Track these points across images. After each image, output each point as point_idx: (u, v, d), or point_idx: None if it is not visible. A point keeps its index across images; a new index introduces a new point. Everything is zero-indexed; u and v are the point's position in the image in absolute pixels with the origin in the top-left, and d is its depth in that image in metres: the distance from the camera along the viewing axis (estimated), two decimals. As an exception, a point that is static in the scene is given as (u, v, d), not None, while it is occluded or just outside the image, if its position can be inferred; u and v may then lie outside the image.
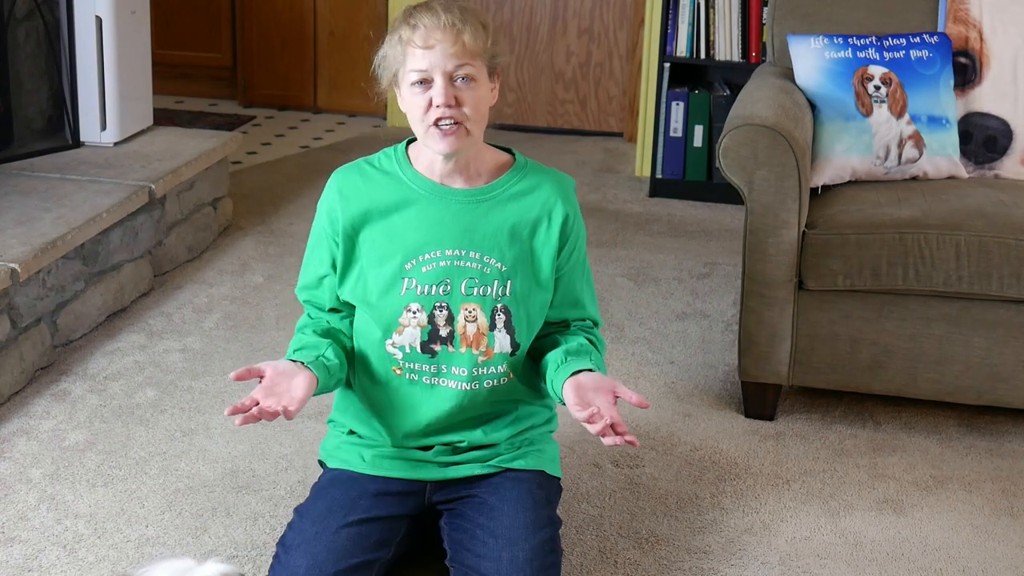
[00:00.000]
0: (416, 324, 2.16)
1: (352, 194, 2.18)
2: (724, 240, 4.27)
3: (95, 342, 3.30)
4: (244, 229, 4.22)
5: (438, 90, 2.05)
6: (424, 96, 2.07)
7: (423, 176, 2.18)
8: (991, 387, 2.89)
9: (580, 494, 2.63)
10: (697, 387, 3.16)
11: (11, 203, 3.35)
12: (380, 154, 2.24)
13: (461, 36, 2.05)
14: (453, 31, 2.05)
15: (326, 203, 2.21)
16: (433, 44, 2.05)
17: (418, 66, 2.06)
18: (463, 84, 2.07)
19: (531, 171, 2.22)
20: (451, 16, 2.05)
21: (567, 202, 2.21)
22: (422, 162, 2.19)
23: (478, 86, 2.08)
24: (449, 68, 2.06)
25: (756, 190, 2.85)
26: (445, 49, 2.05)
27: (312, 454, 2.73)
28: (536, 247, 2.19)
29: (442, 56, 2.05)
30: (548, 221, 2.19)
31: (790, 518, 2.58)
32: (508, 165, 2.22)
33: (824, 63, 3.19)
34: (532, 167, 2.23)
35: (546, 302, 2.23)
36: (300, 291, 2.29)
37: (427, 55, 2.05)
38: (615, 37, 5.53)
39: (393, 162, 2.21)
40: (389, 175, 2.19)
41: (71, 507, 2.52)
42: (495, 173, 2.20)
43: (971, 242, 2.80)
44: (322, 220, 2.22)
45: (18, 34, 3.77)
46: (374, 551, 2.10)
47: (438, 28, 2.05)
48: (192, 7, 5.96)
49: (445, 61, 2.05)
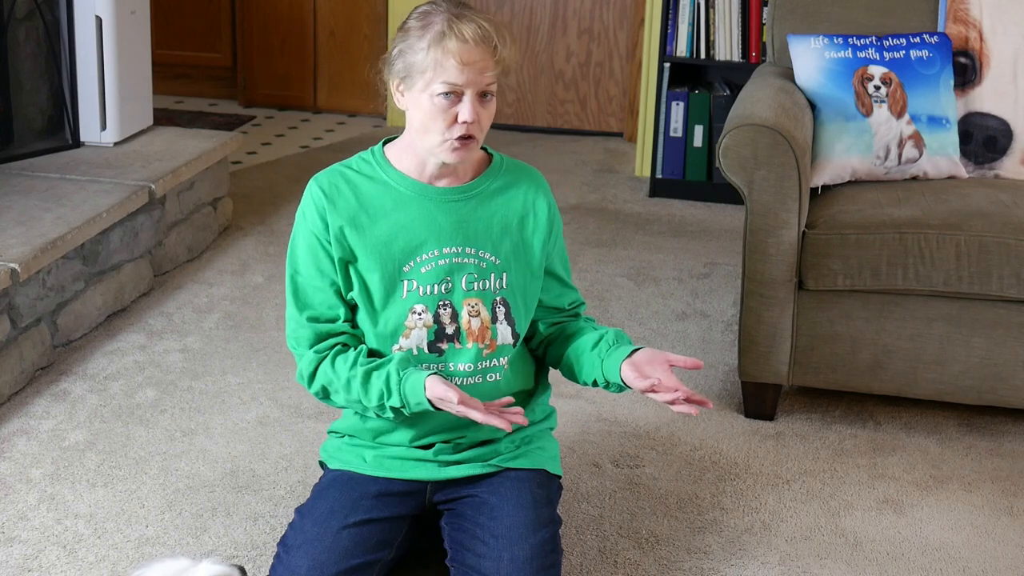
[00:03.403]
0: (422, 325, 2.16)
1: (338, 198, 2.15)
2: (724, 240, 4.27)
3: (95, 342, 3.30)
4: (244, 229, 4.22)
5: (467, 108, 2.04)
6: (450, 111, 2.05)
7: (408, 177, 2.17)
8: (991, 387, 2.89)
9: (580, 494, 2.63)
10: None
11: (11, 203, 3.35)
12: (356, 158, 2.21)
13: (500, 53, 2.05)
14: (491, 48, 2.04)
15: (312, 207, 2.15)
16: (474, 61, 2.02)
17: (452, 79, 2.03)
18: (487, 100, 2.08)
19: (508, 167, 2.25)
20: (486, 30, 2.03)
21: (546, 193, 2.27)
22: (407, 163, 2.17)
23: (494, 99, 2.10)
24: (482, 86, 2.05)
25: (756, 190, 2.85)
26: (484, 67, 2.03)
27: (312, 454, 2.73)
28: (526, 238, 2.22)
29: (478, 74, 2.03)
30: (534, 212, 2.23)
31: (790, 518, 2.58)
32: (486, 162, 2.25)
33: (824, 63, 3.19)
34: (508, 163, 2.27)
35: (538, 290, 2.26)
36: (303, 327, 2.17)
37: (464, 71, 2.03)
38: (615, 37, 5.53)
39: (373, 166, 2.19)
40: (372, 179, 2.17)
41: (71, 507, 2.52)
42: (476, 170, 2.22)
43: (971, 242, 2.80)
44: (310, 226, 2.15)
45: (18, 34, 3.77)
46: (375, 551, 2.10)
47: (479, 42, 2.02)
48: (192, 7, 5.96)
49: (480, 79, 2.04)
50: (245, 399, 3.01)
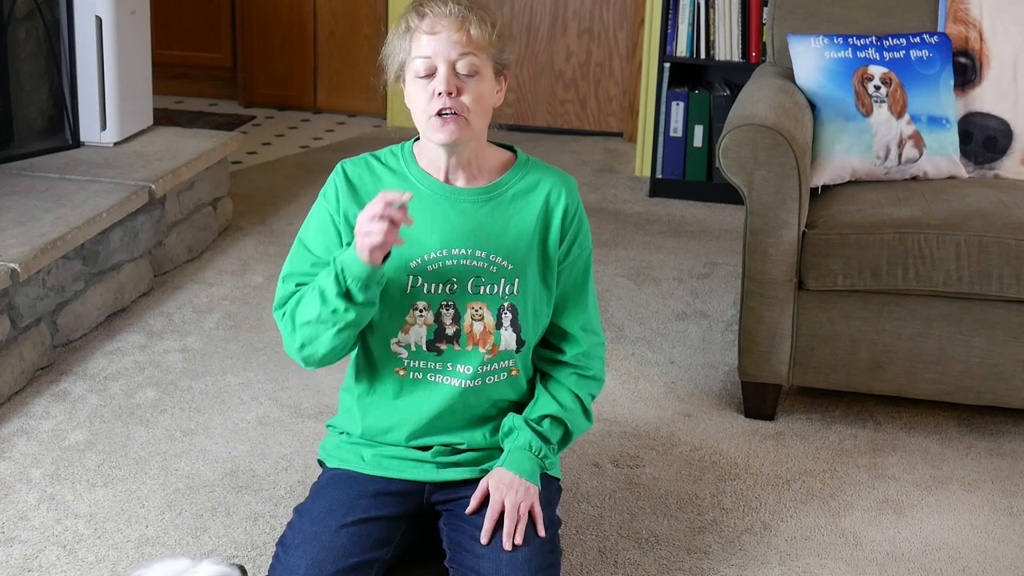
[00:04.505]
0: (423, 322, 2.16)
1: (360, 186, 2.17)
2: (724, 240, 4.27)
3: (95, 342, 3.30)
4: (244, 229, 4.22)
5: (440, 77, 2.06)
6: (428, 88, 2.07)
7: (428, 175, 2.17)
8: (991, 387, 2.89)
9: (580, 494, 2.63)
10: (697, 387, 3.16)
11: (11, 203, 3.35)
12: (386, 151, 2.23)
13: (467, 24, 2.06)
14: (459, 19, 2.06)
15: (333, 189, 2.18)
16: (439, 31, 2.05)
17: (423, 52, 2.06)
18: (466, 75, 2.07)
19: (533, 168, 2.22)
20: (459, 6, 2.07)
21: (569, 196, 2.21)
22: (425, 161, 2.19)
23: (481, 80, 2.08)
24: (453, 56, 2.06)
25: (756, 190, 2.85)
26: (450, 36, 2.05)
27: (312, 454, 2.73)
28: (541, 243, 2.20)
29: (447, 43, 2.05)
30: (551, 215, 2.20)
31: (790, 518, 2.58)
32: (510, 163, 2.22)
33: (824, 63, 3.19)
34: (534, 164, 2.23)
35: (550, 300, 2.23)
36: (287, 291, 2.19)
37: (432, 42, 2.06)
38: (615, 37, 5.53)
39: (399, 160, 2.21)
40: (395, 173, 2.19)
41: (71, 507, 2.52)
42: (498, 171, 2.20)
43: (971, 242, 2.80)
44: (328, 205, 2.18)
45: (18, 34, 3.77)
46: (373, 551, 2.10)
47: (444, 16, 2.06)
48: (192, 7, 5.96)
49: (449, 49, 2.06)
50: (245, 399, 3.01)
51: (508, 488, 2.13)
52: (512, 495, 2.12)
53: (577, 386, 2.26)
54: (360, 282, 2.04)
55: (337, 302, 2.05)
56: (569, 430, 2.25)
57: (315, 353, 2.13)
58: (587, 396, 2.28)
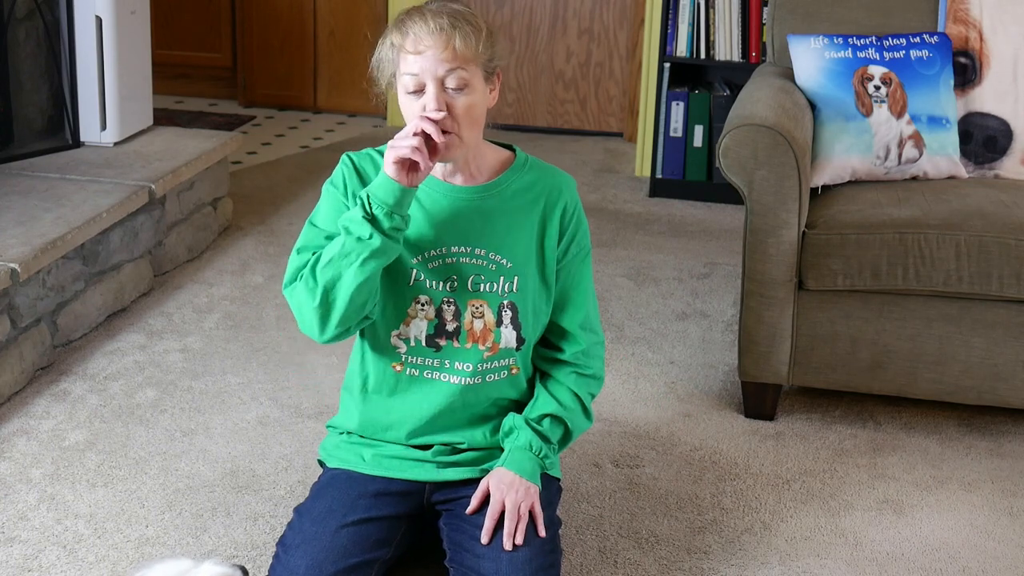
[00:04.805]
0: (423, 317, 2.17)
1: (365, 175, 2.17)
2: (724, 240, 4.27)
3: (95, 342, 3.30)
4: (244, 229, 4.22)
5: (430, 97, 2.05)
6: (418, 104, 2.06)
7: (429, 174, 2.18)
8: (991, 387, 2.89)
9: (580, 494, 2.63)
10: (697, 387, 3.16)
11: (11, 203, 3.35)
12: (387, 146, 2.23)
13: (451, 41, 2.04)
14: (443, 36, 2.04)
15: (340, 176, 2.17)
16: (423, 50, 2.04)
17: (410, 70, 2.05)
18: (455, 89, 2.06)
19: (532, 167, 2.23)
20: (440, 21, 2.04)
21: (567, 195, 2.22)
22: None
23: (472, 91, 2.07)
24: (440, 73, 2.05)
25: (756, 190, 2.85)
26: (436, 54, 2.04)
27: (312, 454, 2.73)
28: (540, 241, 2.20)
29: (433, 61, 2.04)
30: (550, 213, 2.20)
31: (790, 518, 2.58)
32: (510, 162, 2.22)
33: (824, 63, 3.19)
34: (533, 163, 2.24)
35: (549, 297, 2.24)
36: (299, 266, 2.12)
37: (418, 60, 2.04)
38: (615, 37, 5.53)
39: None
40: None
41: (71, 507, 2.52)
42: (497, 170, 2.20)
43: (971, 242, 2.80)
44: (337, 190, 2.16)
45: (18, 34, 3.77)
46: (374, 551, 2.10)
47: (428, 34, 2.04)
48: (192, 7, 5.96)
49: (436, 66, 2.04)
50: (245, 399, 3.01)
51: (509, 488, 2.13)
52: (513, 495, 2.12)
53: (577, 385, 2.26)
54: (386, 207, 2.01)
55: (363, 227, 2.01)
56: (569, 429, 2.25)
57: (335, 302, 2.04)
58: (587, 395, 2.28)
